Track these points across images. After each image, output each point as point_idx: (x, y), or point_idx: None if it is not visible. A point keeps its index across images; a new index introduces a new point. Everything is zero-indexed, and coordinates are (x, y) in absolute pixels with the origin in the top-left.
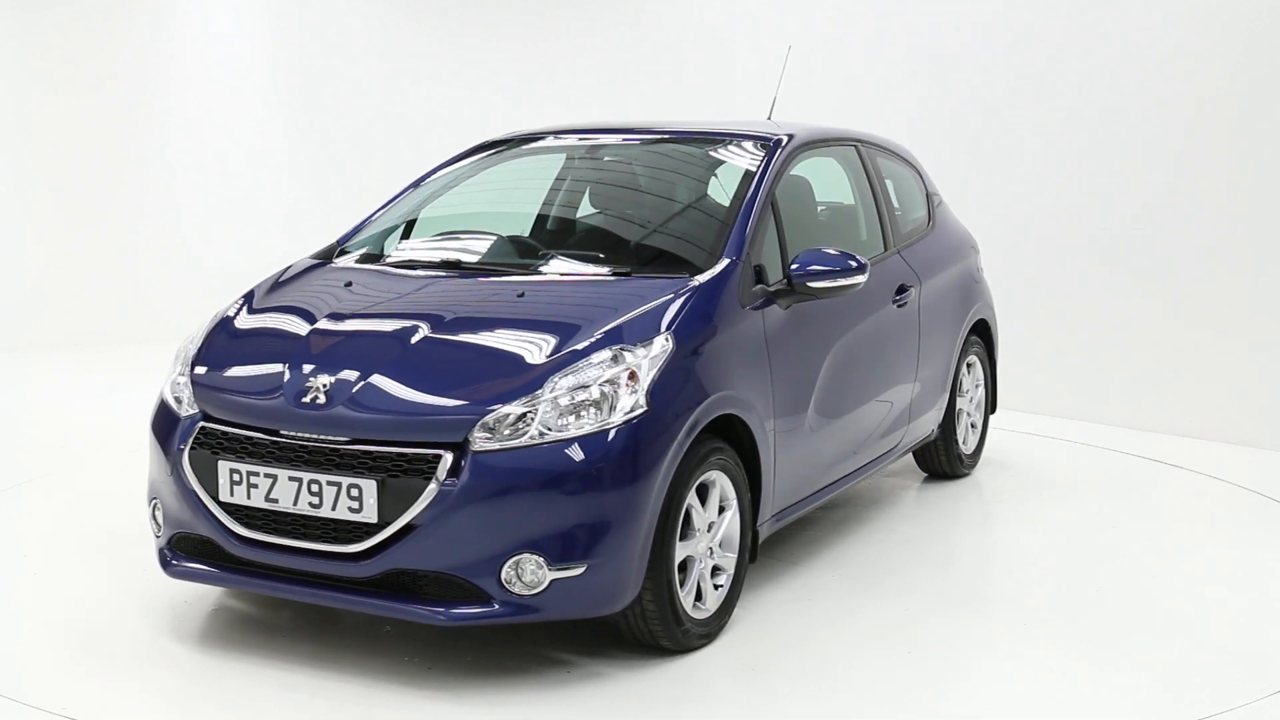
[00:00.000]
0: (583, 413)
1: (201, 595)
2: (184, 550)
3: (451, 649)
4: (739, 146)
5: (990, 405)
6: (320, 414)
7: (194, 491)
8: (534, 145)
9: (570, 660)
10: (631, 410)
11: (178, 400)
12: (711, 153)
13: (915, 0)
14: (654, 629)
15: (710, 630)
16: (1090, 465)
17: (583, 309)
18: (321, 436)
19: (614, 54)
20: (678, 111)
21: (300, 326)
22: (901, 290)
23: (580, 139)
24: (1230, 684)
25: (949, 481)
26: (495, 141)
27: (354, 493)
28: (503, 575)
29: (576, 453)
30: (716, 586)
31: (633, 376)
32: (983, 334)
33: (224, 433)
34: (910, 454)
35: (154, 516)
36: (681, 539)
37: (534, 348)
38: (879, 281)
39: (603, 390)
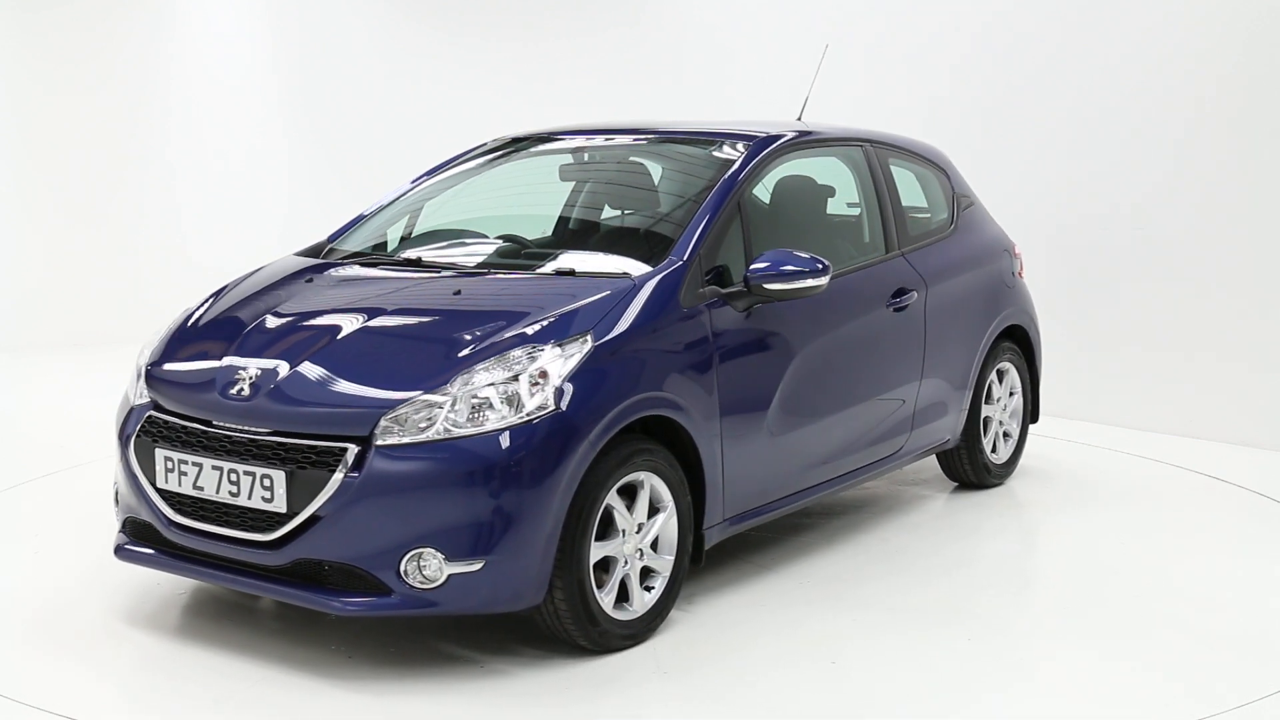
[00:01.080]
0: (488, 410)
1: (205, 595)
2: (133, 535)
3: (377, 641)
4: (730, 147)
5: (1032, 414)
6: (244, 405)
7: (137, 477)
8: (532, 145)
9: (474, 657)
10: (537, 409)
11: (135, 391)
12: (700, 152)
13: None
14: (569, 628)
15: (636, 632)
16: (1090, 465)
17: (512, 307)
18: (244, 427)
19: (614, 54)
20: (683, 111)
21: (249, 321)
22: (901, 293)
23: (573, 140)
24: (1230, 684)
25: (978, 491)
26: (502, 144)
27: (266, 483)
28: (402, 568)
29: (477, 450)
30: (650, 589)
31: (543, 375)
32: (1020, 341)
33: (166, 422)
34: (937, 462)
35: (115, 501)
36: (603, 539)
37: (450, 344)
38: (872, 284)
39: (511, 388)
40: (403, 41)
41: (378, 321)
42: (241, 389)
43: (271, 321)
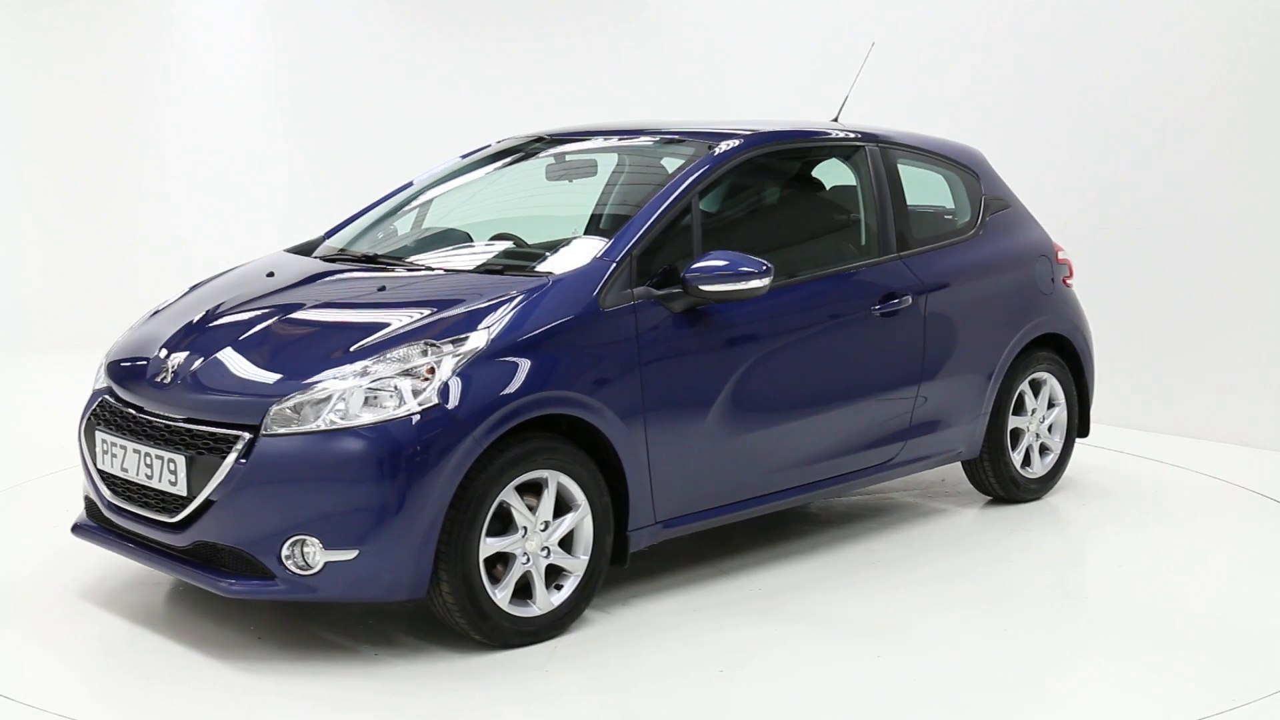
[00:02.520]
0: (372, 404)
1: (202, 596)
2: (88, 513)
3: (294, 625)
4: (702, 149)
5: (1080, 428)
6: (163, 393)
7: (84, 457)
8: (545, 146)
9: (354, 645)
10: (420, 404)
11: (96, 377)
12: (683, 152)
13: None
14: (459, 621)
15: (539, 630)
16: (1089, 466)
17: (424, 302)
18: (162, 413)
19: (613, 54)
20: (682, 111)
21: (194, 313)
22: (891, 298)
23: (592, 140)
24: (1230, 684)
25: (1011, 506)
26: (514, 144)
27: (171, 467)
28: (283, 553)
29: (354, 442)
30: (559, 587)
31: (431, 371)
32: (1065, 352)
33: (110, 405)
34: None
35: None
36: (501, 535)
37: (350, 338)
38: (855, 288)
39: (397, 383)
40: (401, 40)
41: (297, 314)
42: (164, 377)
43: (212, 314)
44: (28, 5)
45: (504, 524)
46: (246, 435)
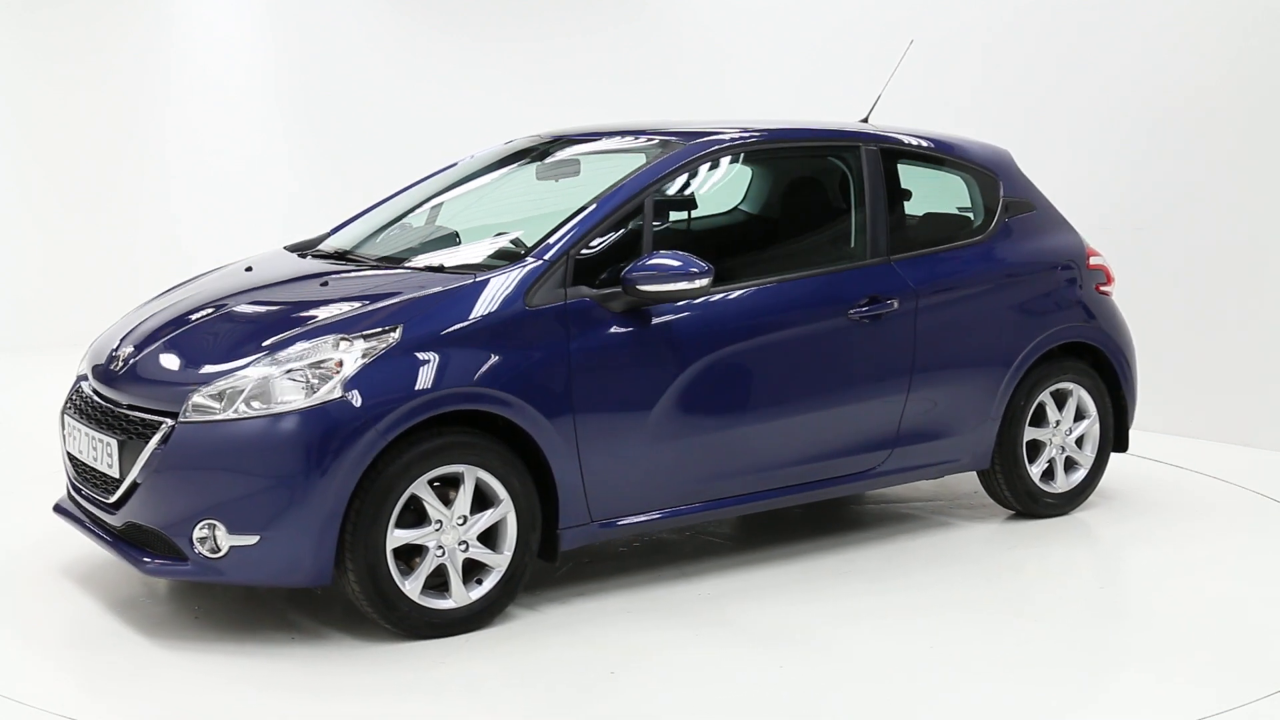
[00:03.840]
0: (279, 394)
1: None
2: (68, 494)
3: (235, 608)
4: (666, 148)
5: (1116, 442)
6: (114, 379)
7: (61, 440)
8: (541, 147)
9: (295, 629)
10: (325, 396)
11: (80, 365)
12: (652, 153)
13: None
14: (368, 609)
15: (452, 622)
16: None
17: (355, 298)
18: (112, 398)
19: (614, 54)
20: (683, 110)
21: (165, 304)
22: (873, 301)
23: (610, 140)
24: (1230, 684)
25: (1032, 521)
26: (528, 144)
27: (109, 450)
28: (194, 536)
29: (258, 431)
30: (480, 581)
31: (340, 364)
32: (1098, 362)
33: (80, 390)
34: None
35: None
36: (415, 527)
37: (272, 330)
38: (828, 290)
39: (306, 375)
40: (401, 40)
41: (239, 308)
42: (117, 365)
43: (173, 306)
44: (28, 5)
45: (422, 516)
46: (169, 422)
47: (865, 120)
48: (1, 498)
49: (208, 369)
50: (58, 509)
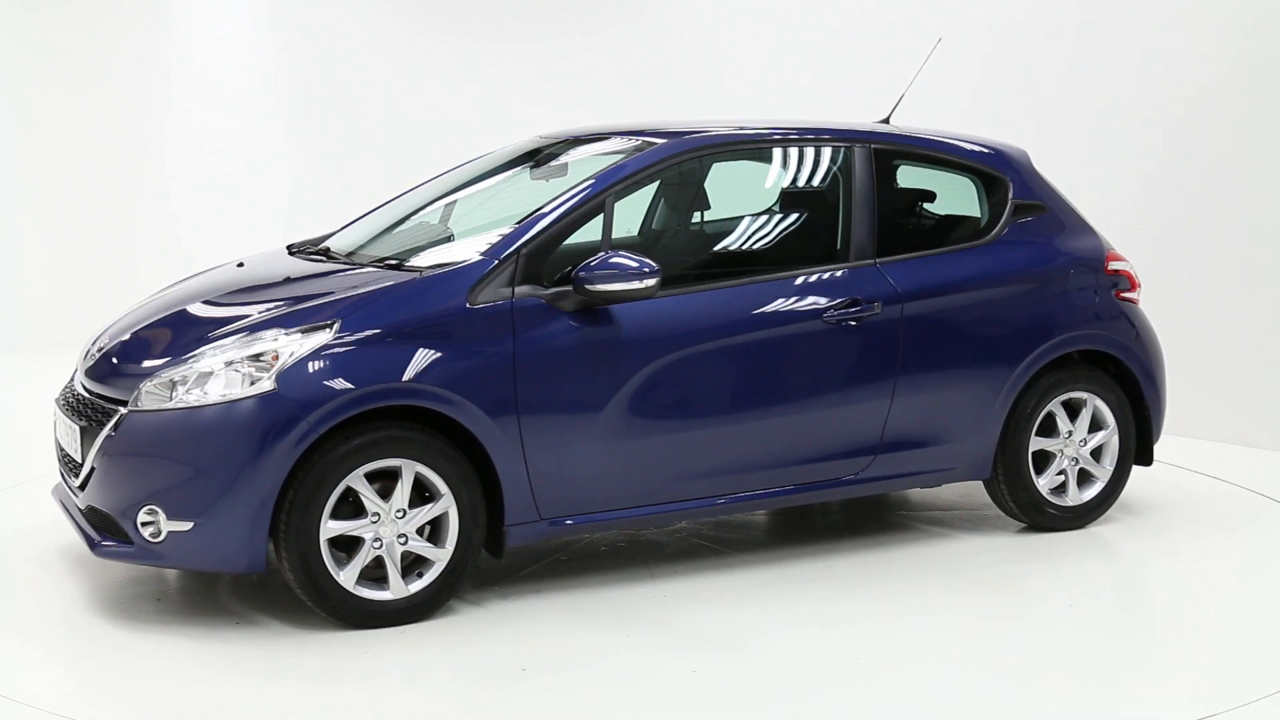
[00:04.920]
0: (216, 386)
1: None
2: (61, 480)
3: (200, 594)
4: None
5: (1139, 455)
6: (90, 369)
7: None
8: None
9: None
10: (257, 388)
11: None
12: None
13: None
14: (303, 597)
15: (389, 613)
16: None
17: (306, 294)
18: (84, 387)
19: (614, 54)
20: (686, 111)
21: (150, 299)
22: (853, 305)
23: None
24: (1230, 684)
25: (1043, 535)
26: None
27: (74, 434)
28: (138, 520)
29: (193, 421)
30: (420, 574)
31: (275, 357)
32: (1121, 371)
33: (70, 381)
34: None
35: None
36: (353, 518)
37: (222, 323)
38: (800, 293)
39: (242, 368)
40: (401, 40)
41: (206, 302)
42: (92, 355)
43: (160, 299)
44: (28, 5)
45: (363, 508)
46: (123, 410)
47: (887, 120)
48: (2, 498)
49: (161, 360)
50: (56, 488)
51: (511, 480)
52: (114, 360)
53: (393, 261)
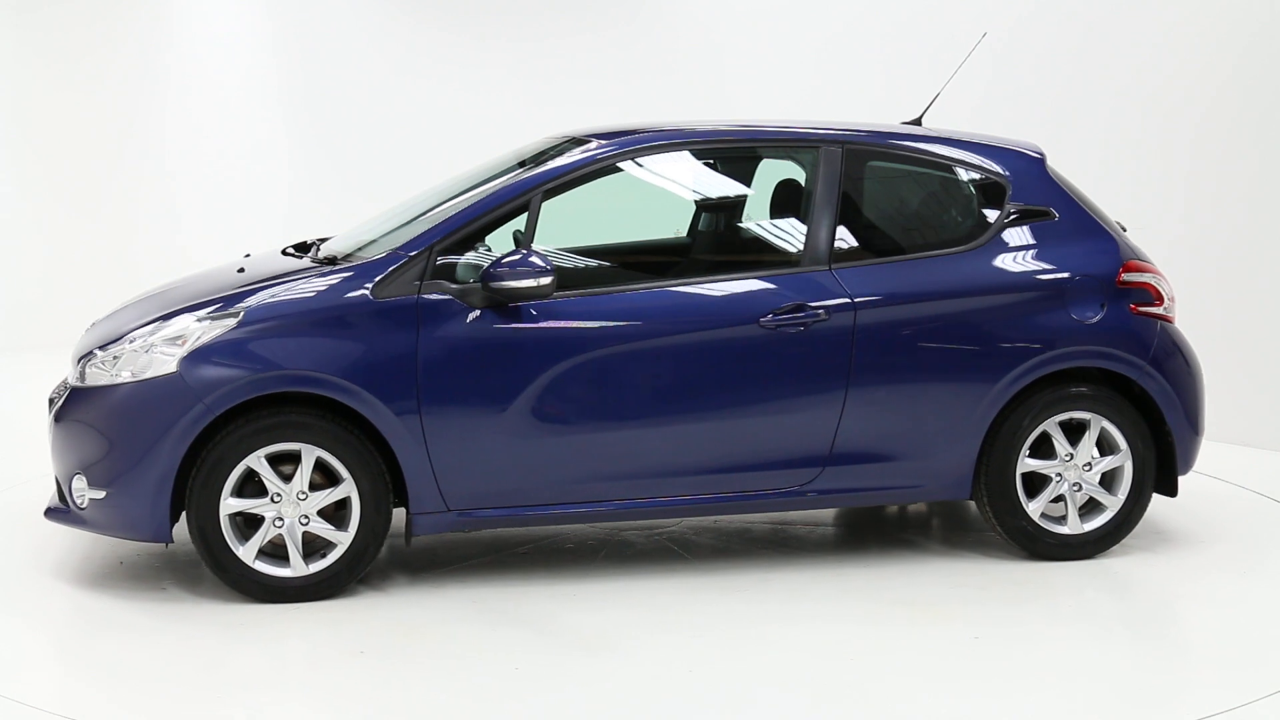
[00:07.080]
0: (129, 368)
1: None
2: None
3: (177, 567)
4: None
5: (1161, 484)
6: (73, 353)
7: None
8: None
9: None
10: (164, 369)
11: None
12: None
13: None
14: (207, 569)
15: (288, 590)
16: None
17: (242, 286)
18: (69, 370)
19: (614, 54)
20: (685, 111)
21: (142, 296)
22: (798, 310)
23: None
24: (1230, 684)
25: (1047, 564)
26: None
27: (51, 414)
28: (73, 487)
29: (108, 399)
30: (324, 555)
31: (183, 342)
32: (1137, 395)
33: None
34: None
35: None
36: (254, 497)
37: (163, 309)
38: (735, 297)
39: (154, 352)
40: (402, 40)
41: (168, 293)
42: (79, 342)
43: (150, 293)
44: (28, 5)
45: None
46: (72, 385)
47: (918, 121)
48: (4, 499)
49: (104, 343)
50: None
51: (414, 470)
52: (83, 344)
53: (330, 259)
